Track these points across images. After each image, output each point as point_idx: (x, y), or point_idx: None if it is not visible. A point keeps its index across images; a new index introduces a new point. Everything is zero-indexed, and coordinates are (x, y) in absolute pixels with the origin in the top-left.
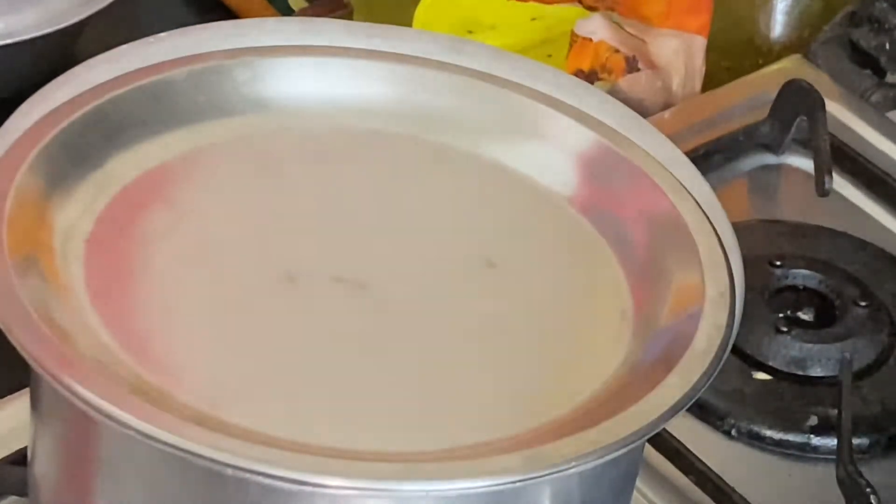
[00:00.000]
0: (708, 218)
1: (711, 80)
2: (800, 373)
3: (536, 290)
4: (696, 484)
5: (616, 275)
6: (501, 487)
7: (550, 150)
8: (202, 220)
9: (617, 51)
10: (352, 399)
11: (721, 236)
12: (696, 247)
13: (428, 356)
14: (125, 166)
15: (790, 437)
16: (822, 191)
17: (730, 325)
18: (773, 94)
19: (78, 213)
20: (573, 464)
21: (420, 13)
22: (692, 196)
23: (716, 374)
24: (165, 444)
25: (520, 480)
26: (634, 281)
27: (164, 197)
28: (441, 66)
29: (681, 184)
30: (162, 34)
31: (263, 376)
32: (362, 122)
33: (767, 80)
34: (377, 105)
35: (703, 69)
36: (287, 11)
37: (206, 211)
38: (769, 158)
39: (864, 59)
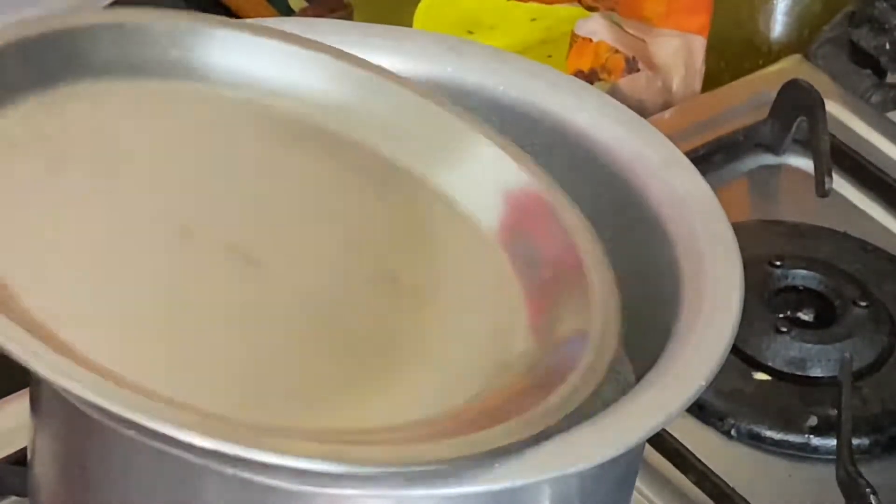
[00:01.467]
0: (609, 266)
1: (711, 80)
2: (800, 373)
3: (434, 311)
4: (696, 484)
5: (518, 316)
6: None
7: (481, 179)
8: (112, 166)
9: (617, 51)
10: (196, 361)
11: (720, 237)
12: (590, 295)
13: (297, 347)
14: (56, 99)
15: (790, 437)
16: (822, 191)
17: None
18: (773, 94)
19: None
20: (389, 469)
21: (420, 13)
22: (597, 241)
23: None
24: None
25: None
26: (533, 318)
27: (83, 138)
28: (401, 80)
29: (587, 227)
30: None
31: (114, 310)
32: (307, 116)
33: (767, 80)
34: (327, 102)
35: (703, 69)
36: (287, 11)
37: (119, 160)
38: (769, 158)
39: (864, 60)
